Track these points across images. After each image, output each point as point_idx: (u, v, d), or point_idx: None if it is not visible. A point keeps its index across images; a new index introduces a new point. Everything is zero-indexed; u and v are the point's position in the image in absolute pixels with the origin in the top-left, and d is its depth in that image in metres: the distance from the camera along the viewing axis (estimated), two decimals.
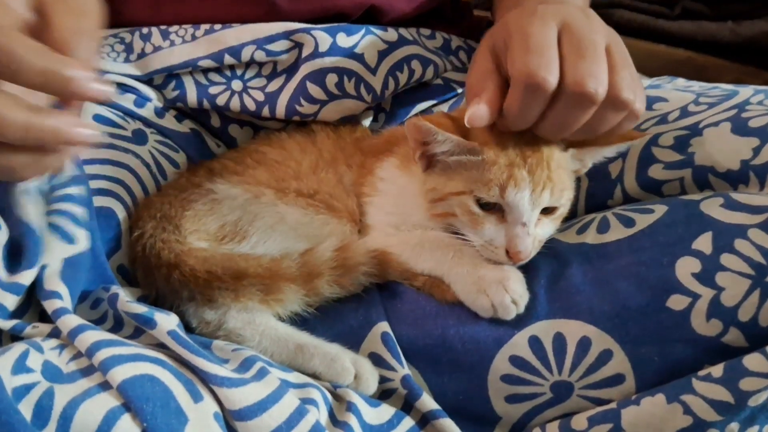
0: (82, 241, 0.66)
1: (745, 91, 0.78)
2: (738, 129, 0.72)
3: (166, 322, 0.61)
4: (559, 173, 0.69)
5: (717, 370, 0.59)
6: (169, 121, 0.94)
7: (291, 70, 0.92)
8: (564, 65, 0.62)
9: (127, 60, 0.93)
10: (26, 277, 0.59)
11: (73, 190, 0.68)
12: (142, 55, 0.93)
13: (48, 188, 0.67)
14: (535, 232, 0.69)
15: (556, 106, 0.64)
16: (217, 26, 0.91)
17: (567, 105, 0.63)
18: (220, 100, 0.93)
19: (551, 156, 0.69)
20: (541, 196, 0.68)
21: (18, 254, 0.60)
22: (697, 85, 0.88)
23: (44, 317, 0.61)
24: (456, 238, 0.72)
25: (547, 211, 0.70)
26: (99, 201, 0.72)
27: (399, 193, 0.79)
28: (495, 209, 0.69)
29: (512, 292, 0.66)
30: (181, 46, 0.91)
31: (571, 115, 0.63)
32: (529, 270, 0.69)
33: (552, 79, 0.61)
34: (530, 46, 0.62)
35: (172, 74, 0.94)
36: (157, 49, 0.92)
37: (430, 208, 0.74)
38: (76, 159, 0.70)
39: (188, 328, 0.70)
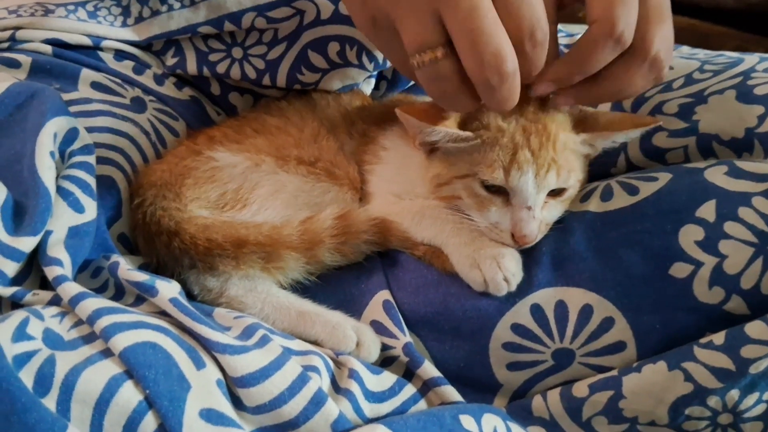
0: (90, 211, 0.66)
1: (751, 59, 0.78)
2: (743, 96, 0.71)
3: (168, 289, 0.61)
4: (566, 155, 0.68)
5: (718, 338, 0.59)
6: (168, 89, 0.93)
7: (292, 38, 0.91)
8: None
9: (124, 24, 0.92)
10: (27, 244, 0.59)
11: (87, 158, 0.68)
12: (139, 19, 0.92)
13: (67, 153, 0.68)
14: (542, 216, 0.68)
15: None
16: None
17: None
18: (221, 68, 0.92)
19: (557, 136, 0.68)
20: (545, 179, 0.67)
21: (21, 213, 0.60)
22: (701, 53, 0.87)
23: (45, 284, 0.61)
24: (461, 218, 0.72)
25: (554, 193, 0.69)
26: (99, 169, 0.72)
27: (402, 162, 0.78)
28: (500, 191, 0.68)
29: (505, 270, 0.66)
30: (180, 11, 0.90)
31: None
32: None
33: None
34: None
35: (171, 40, 0.93)
36: (155, 13, 0.91)
37: (435, 192, 0.73)
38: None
39: (190, 296, 0.71)
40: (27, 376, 0.48)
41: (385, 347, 0.68)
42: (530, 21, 0.55)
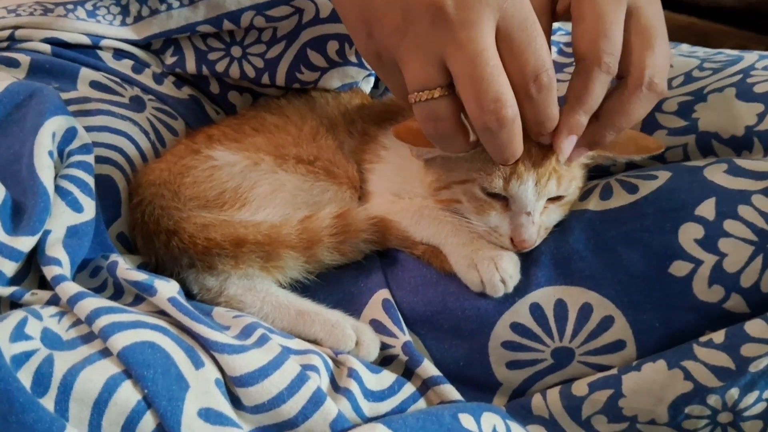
0: (89, 211, 0.66)
1: (750, 57, 0.78)
2: (743, 95, 0.71)
3: (167, 289, 0.61)
4: (568, 164, 0.68)
5: (718, 336, 0.59)
6: (167, 88, 0.93)
7: (291, 36, 0.91)
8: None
9: (123, 23, 0.91)
10: (26, 244, 0.59)
11: (86, 157, 0.69)
12: (138, 18, 0.91)
13: (66, 153, 0.68)
14: (541, 221, 0.68)
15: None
16: None
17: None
18: (220, 67, 0.92)
19: None
20: (546, 187, 0.66)
21: (19, 213, 0.60)
22: (701, 51, 0.87)
23: (43, 284, 0.61)
24: (460, 220, 0.71)
25: (554, 198, 0.69)
26: (98, 169, 0.72)
27: (402, 162, 0.78)
28: (500, 196, 0.68)
29: (502, 272, 0.66)
30: (179, 10, 0.90)
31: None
32: None
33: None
34: None
35: (170, 39, 0.92)
36: (154, 12, 0.91)
37: (434, 195, 0.73)
38: None
39: (189, 295, 0.70)
40: (25, 376, 0.48)
41: (384, 346, 0.68)
42: (535, 65, 0.56)
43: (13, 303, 0.58)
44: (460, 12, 0.55)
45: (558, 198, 0.69)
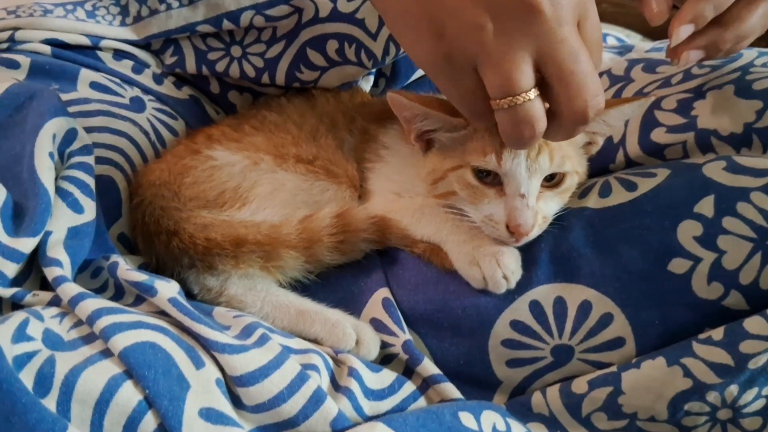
0: (90, 212, 0.66)
1: (749, 54, 0.77)
2: (741, 91, 0.71)
3: (167, 289, 0.61)
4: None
5: (717, 333, 0.60)
6: (167, 88, 0.93)
7: (291, 36, 0.91)
8: None
9: (123, 23, 0.92)
10: (27, 245, 0.59)
11: (86, 158, 0.69)
12: (138, 18, 0.92)
13: (66, 154, 0.68)
14: (537, 206, 0.67)
15: None
16: None
17: None
18: (219, 67, 0.92)
19: None
20: (537, 161, 0.66)
21: (20, 214, 0.61)
22: None
23: (45, 285, 0.61)
24: (459, 216, 0.71)
25: (550, 183, 0.69)
26: (98, 170, 0.72)
27: (402, 161, 0.78)
28: (494, 182, 0.68)
29: (504, 268, 0.66)
30: (179, 9, 0.90)
31: None
32: None
33: None
34: None
35: (169, 39, 0.93)
36: (153, 12, 0.91)
37: (432, 190, 0.73)
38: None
39: (190, 295, 0.71)
40: (27, 377, 0.48)
41: (384, 345, 0.68)
42: (598, 60, 0.56)
43: (15, 304, 0.58)
44: (557, 10, 0.52)
45: (555, 184, 0.69)
